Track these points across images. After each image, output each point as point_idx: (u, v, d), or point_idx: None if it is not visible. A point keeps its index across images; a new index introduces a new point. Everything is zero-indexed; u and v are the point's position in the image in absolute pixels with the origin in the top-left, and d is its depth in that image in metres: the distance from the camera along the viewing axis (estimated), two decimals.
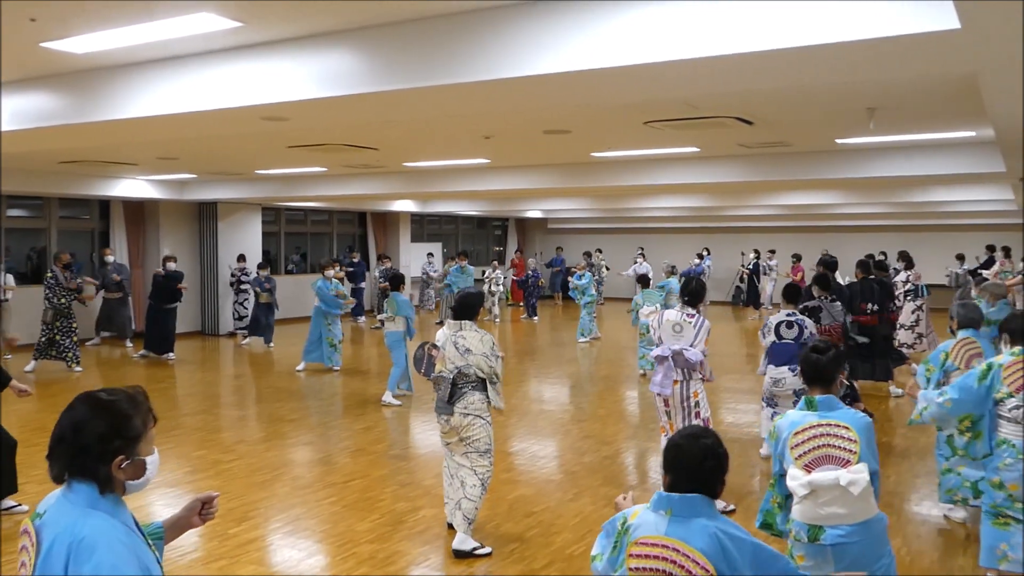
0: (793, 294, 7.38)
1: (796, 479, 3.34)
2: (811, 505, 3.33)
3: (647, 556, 2.42)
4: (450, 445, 5.27)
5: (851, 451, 3.28)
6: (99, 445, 1.99)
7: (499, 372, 5.17)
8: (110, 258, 14.22)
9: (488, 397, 5.14)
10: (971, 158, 9.48)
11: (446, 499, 5.42)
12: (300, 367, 12.06)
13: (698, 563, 2.34)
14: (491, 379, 5.11)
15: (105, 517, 1.98)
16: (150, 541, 2.13)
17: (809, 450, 3.35)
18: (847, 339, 8.31)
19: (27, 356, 11.96)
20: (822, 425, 3.34)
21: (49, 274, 11.75)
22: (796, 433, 3.38)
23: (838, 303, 8.00)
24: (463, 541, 5.08)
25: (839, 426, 3.32)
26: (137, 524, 2.11)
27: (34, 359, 11.68)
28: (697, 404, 5.97)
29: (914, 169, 9.78)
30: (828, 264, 9.06)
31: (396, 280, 10.12)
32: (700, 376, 6.01)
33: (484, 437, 5.15)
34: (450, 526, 5.43)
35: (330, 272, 12.13)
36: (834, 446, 3.31)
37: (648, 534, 2.45)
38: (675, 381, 5.96)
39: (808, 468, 3.33)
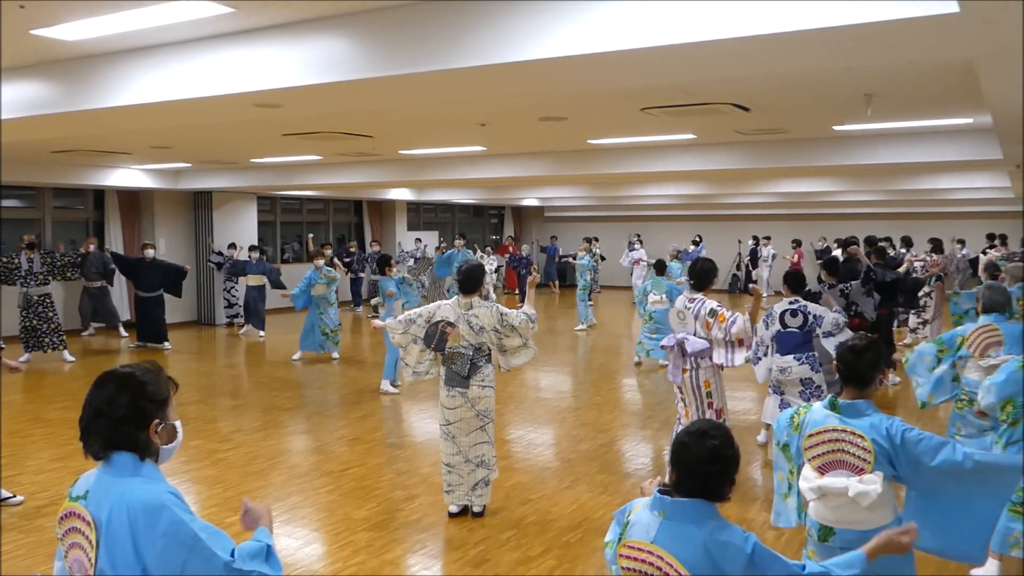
0: (796, 281, 6.94)
1: (808, 480, 3.30)
2: (822, 506, 3.30)
3: (634, 559, 2.42)
4: (456, 424, 5.36)
5: (866, 460, 3.20)
6: (134, 413, 2.15)
7: (525, 333, 5.40)
8: (92, 247, 14.09)
9: (493, 367, 5.50)
10: (968, 145, 9.44)
11: (452, 485, 5.44)
12: (296, 356, 12.05)
13: (679, 573, 2.32)
14: (502, 348, 5.44)
15: (152, 481, 2.16)
16: None
17: (823, 453, 3.29)
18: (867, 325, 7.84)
19: (20, 349, 11.92)
20: (839, 431, 3.26)
21: (4, 259, 11.56)
22: (812, 435, 3.31)
23: (840, 289, 7.72)
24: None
25: (855, 434, 3.22)
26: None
27: (26, 351, 11.64)
28: (709, 394, 5.86)
29: (911, 156, 9.75)
30: (875, 246, 8.65)
31: (383, 263, 9.99)
32: (711, 363, 5.85)
33: (493, 405, 5.52)
34: (451, 515, 5.48)
35: (320, 261, 12.13)
36: (849, 452, 3.23)
37: (637, 538, 2.42)
38: (684, 370, 5.88)
39: (822, 470, 3.29)
